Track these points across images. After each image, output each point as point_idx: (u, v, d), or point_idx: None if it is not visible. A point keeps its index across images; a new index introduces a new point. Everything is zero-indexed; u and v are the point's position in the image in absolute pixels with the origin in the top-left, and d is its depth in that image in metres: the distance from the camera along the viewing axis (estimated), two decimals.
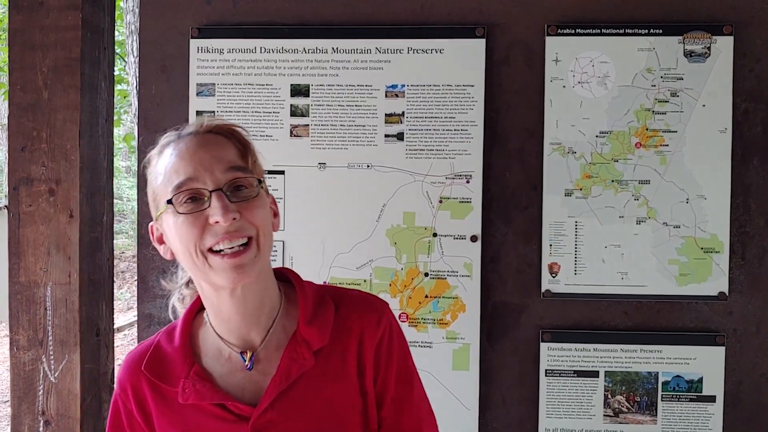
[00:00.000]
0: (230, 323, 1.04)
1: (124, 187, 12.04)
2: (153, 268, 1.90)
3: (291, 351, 1.03)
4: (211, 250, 0.96)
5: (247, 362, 1.03)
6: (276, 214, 1.08)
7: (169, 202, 0.97)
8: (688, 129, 1.80)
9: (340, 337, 1.06)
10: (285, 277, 1.13)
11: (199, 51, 1.87)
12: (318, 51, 1.84)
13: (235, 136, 1.04)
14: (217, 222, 0.94)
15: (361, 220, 1.84)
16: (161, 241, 1.05)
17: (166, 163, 1.00)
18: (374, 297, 1.14)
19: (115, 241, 2.08)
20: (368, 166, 1.84)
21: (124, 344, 6.58)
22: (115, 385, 1.09)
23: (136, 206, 1.96)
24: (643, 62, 1.80)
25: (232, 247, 0.96)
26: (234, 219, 0.95)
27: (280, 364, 1.02)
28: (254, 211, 0.98)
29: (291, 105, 1.85)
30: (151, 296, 1.91)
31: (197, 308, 1.11)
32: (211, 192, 0.96)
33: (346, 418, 1.04)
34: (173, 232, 0.99)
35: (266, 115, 1.85)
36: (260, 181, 1.01)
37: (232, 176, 0.98)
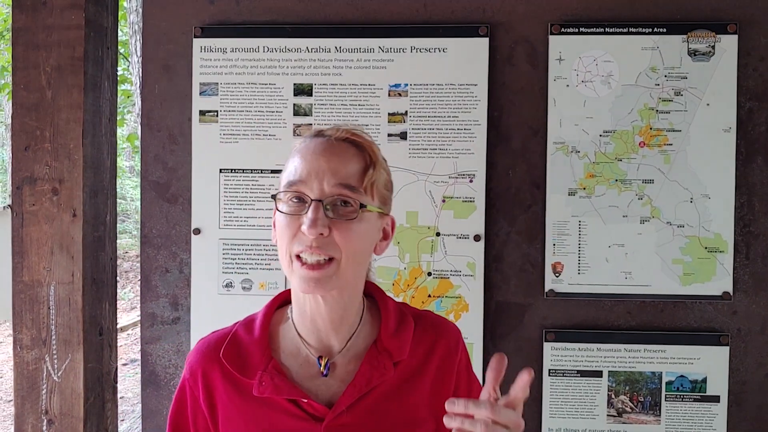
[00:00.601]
0: (313, 324, 1.05)
1: (128, 186, 12.04)
2: (156, 267, 1.90)
3: (372, 359, 1.05)
4: (297, 255, 0.98)
5: (322, 368, 1.04)
6: (386, 238, 1.09)
7: (273, 197, 1.01)
8: (692, 128, 1.79)
9: (417, 354, 1.08)
10: (368, 292, 1.14)
11: (202, 50, 1.87)
12: (321, 50, 1.84)
13: (367, 152, 1.03)
14: (304, 232, 0.96)
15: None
16: (275, 226, 1.06)
17: (293, 158, 1.02)
18: (448, 320, 1.18)
19: (118, 241, 2.08)
20: None
21: (128, 344, 6.59)
22: (185, 370, 1.09)
23: (139, 206, 1.96)
24: (647, 61, 1.80)
25: (313, 260, 0.97)
26: (321, 234, 0.96)
27: (360, 370, 1.03)
28: (346, 232, 0.98)
29: (294, 104, 1.85)
30: (154, 296, 1.90)
31: (279, 303, 1.13)
32: (312, 200, 0.97)
33: (417, 431, 1.06)
34: (276, 223, 1.02)
35: (269, 115, 1.85)
36: (363, 206, 1.00)
37: (338, 192, 0.98)
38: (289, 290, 1.12)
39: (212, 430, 1.06)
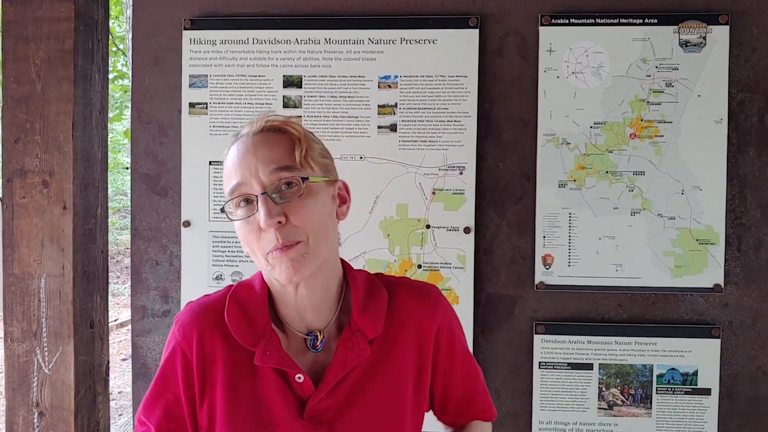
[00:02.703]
0: (294, 312, 1.05)
1: (129, 183, 12.03)
2: (146, 260, 1.90)
3: (346, 340, 1.04)
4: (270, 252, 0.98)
5: (318, 343, 1.04)
6: (344, 201, 1.09)
7: (222, 210, 1.01)
8: (683, 119, 1.78)
9: (394, 327, 1.07)
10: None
11: (192, 42, 1.86)
12: (310, 42, 1.84)
13: (287, 131, 1.03)
14: (264, 228, 0.96)
15: (354, 211, 1.80)
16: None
17: (226, 166, 1.02)
18: (425, 284, 1.15)
19: (120, 237, 2.08)
20: (361, 158, 1.83)
21: (128, 339, 6.60)
22: (175, 331, 1.06)
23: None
24: (637, 52, 1.79)
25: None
26: (279, 222, 0.95)
27: (336, 354, 1.03)
28: (300, 211, 0.97)
29: (284, 96, 1.85)
30: (144, 288, 1.90)
31: None
32: (257, 196, 0.97)
33: (398, 405, 1.06)
34: (238, 233, 1.01)
35: (259, 107, 1.85)
36: (305, 179, 0.99)
37: (277, 177, 0.97)
38: None
39: (198, 395, 1.04)
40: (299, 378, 1.01)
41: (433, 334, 1.09)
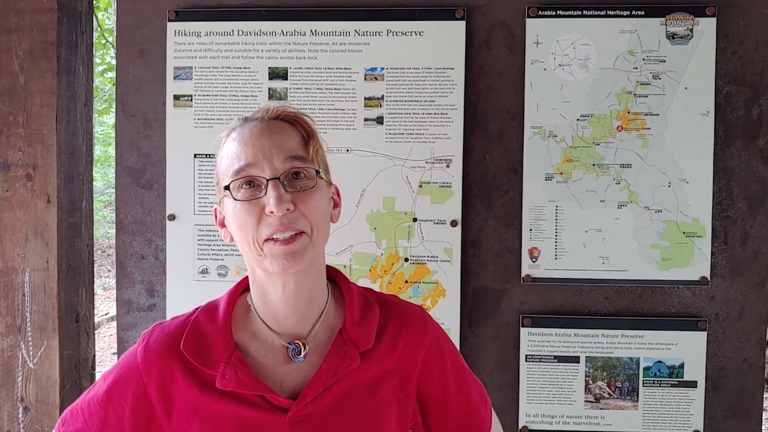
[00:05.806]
0: (277, 313, 1.04)
1: None
2: (131, 254, 1.88)
3: (338, 349, 1.03)
4: (267, 239, 0.97)
5: (302, 354, 1.03)
6: (336, 205, 1.10)
7: (227, 188, 0.99)
8: (670, 112, 1.78)
9: (382, 343, 1.07)
10: (330, 277, 1.13)
11: (177, 34, 1.84)
12: (296, 33, 1.82)
13: (300, 123, 1.04)
14: (272, 212, 0.95)
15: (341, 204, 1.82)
16: (223, 225, 1.06)
17: (230, 147, 1.01)
18: (413, 306, 1.15)
19: (112, 231, 2.07)
20: (347, 151, 1.82)
21: None
22: (138, 354, 1.04)
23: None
24: (624, 44, 1.78)
25: (285, 235, 0.96)
26: (288, 210, 0.95)
27: (325, 361, 1.02)
28: (309, 203, 0.98)
29: (269, 88, 1.83)
30: (129, 282, 1.89)
31: (243, 288, 1.11)
32: (268, 180, 0.96)
33: (381, 421, 1.04)
34: (231, 217, 1.00)
35: (244, 99, 1.83)
36: (318, 172, 1.01)
37: (290, 165, 0.98)
38: None
39: (163, 418, 1.02)
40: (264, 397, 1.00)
41: (421, 356, 1.09)
